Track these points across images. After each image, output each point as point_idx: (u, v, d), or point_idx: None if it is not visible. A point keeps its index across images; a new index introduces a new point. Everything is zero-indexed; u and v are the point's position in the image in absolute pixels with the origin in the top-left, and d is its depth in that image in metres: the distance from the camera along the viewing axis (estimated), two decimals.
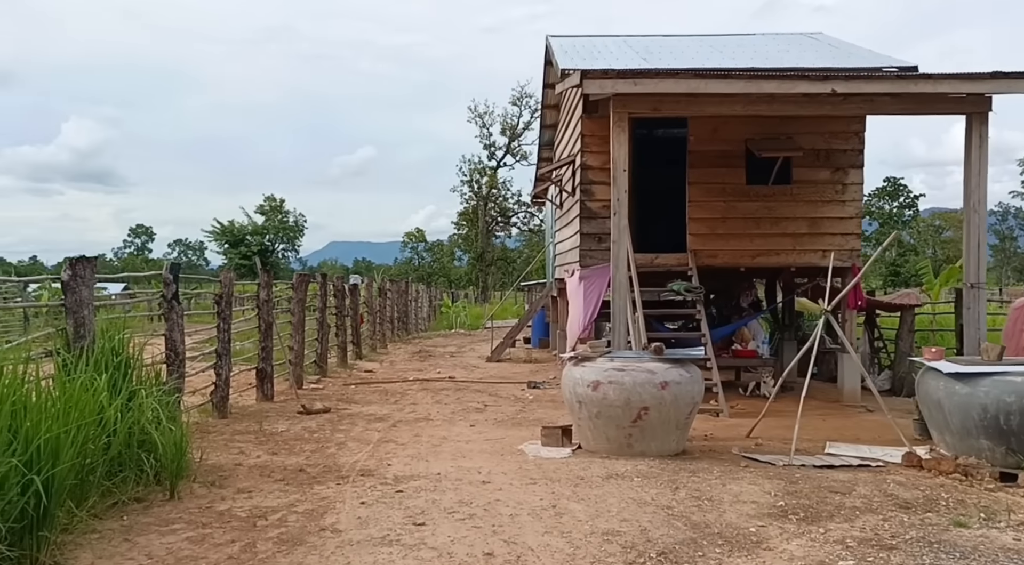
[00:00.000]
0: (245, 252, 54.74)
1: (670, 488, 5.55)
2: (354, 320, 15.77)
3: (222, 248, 58.71)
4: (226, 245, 57.73)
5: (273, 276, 9.86)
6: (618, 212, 7.72)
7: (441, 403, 9.99)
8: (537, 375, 13.26)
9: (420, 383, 12.20)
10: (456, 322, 29.25)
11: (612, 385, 6.50)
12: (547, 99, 14.26)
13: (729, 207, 10.47)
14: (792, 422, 8.46)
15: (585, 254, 10.54)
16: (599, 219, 10.52)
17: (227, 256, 57.98)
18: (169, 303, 7.08)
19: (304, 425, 8.12)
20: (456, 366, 14.91)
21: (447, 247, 69.31)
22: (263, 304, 9.69)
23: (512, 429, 8.06)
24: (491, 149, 54.82)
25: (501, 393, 11.03)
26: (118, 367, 5.57)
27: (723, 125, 10.42)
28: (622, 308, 7.58)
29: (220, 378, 8.28)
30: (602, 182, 10.50)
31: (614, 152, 7.69)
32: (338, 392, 10.98)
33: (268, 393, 9.69)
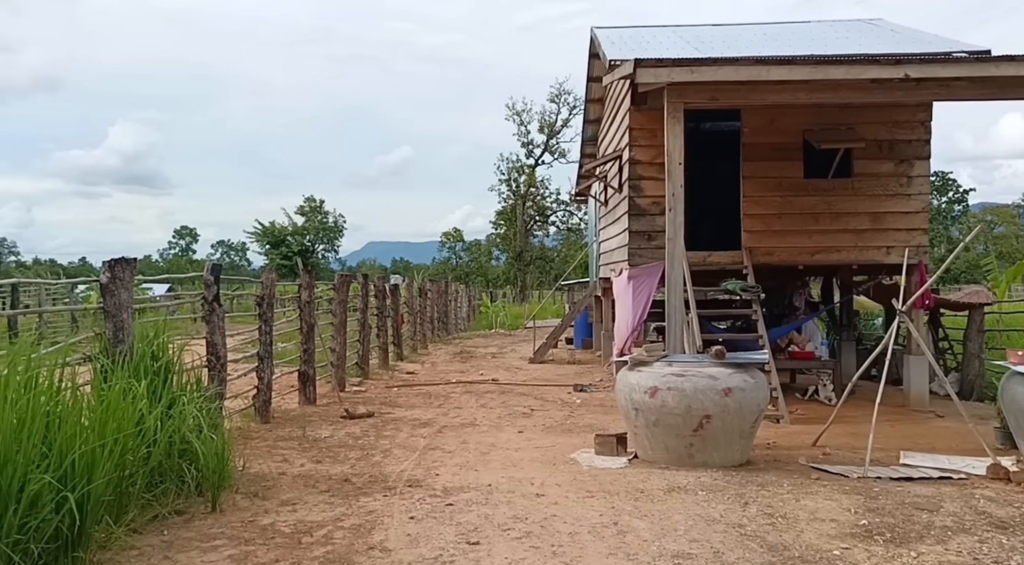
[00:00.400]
0: (286, 253, 55.25)
1: (739, 503, 5.16)
2: (395, 321, 15.58)
3: (263, 249, 59.38)
4: (267, 246, 58.36)
5: (314, 277, 9.68)
6: (674, 208, 7.33)
7: (486, 407, 9.70)
8: (583, 377, 12.89)
9: (463, 385, 11.93)
10: (496, 322, 28.99)
11: (671, 392, 6.12)
12: (591, 93, 13.88)
13: (786, 202, 9.99)
14: (858, 428, 8.02)
15: (634, 253, 10.15)
16: (648, 216, 10.12)
17: (268, 257, 58.63)
18: (210, 305, 6.90)
19: (348, 430, 7.89)
20: (499, 368, 14.62)
21: (484, 247, 69.12)
22: (305, 305, 9.50)
23: (562, 436, 7.72)
24: (529, 147, 54.48)
25: (547, 396, 10.70)
26: (158, 372, 5.38)
27: (779, 116, 9.93)
28: (677, 309, 7.19)
29: (262, 382, 8.10)
30: (651, 177, 10.11)
31: (668, 144, 7.30)
32: (381, 395, 10.76)
33: (311, 396, 9.50)
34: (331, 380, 10.50)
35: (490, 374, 13.49)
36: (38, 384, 3.74)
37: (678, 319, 7.18)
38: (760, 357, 6.67)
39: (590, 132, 15.05)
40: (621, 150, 10.94)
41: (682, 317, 7.24)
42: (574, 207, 57.05)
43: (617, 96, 11.53)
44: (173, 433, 4.98)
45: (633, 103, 9.99)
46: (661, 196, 9.99)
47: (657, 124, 9.97)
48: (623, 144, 10.73)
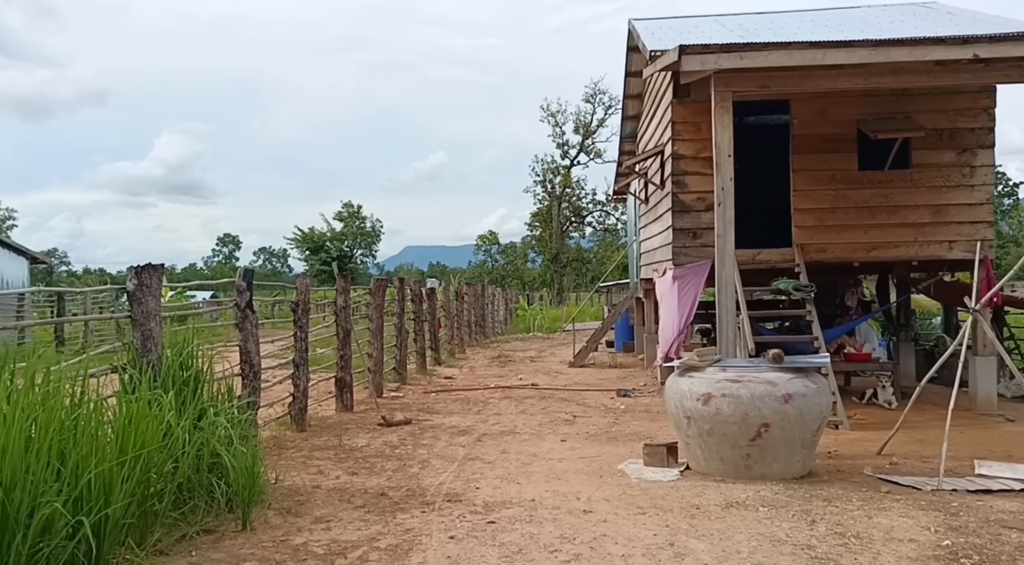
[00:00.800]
0: (325, 258, 55.68)
1: (805, 521, 4.75)
2: (432, 325, 15.34)
3: (303, 255, 59.99)
4: (307, 251, 58.94)
5: (351, 281, 9.47)
6: (723, 203, 6.92)
7: (526, 413, 9.37)
8: (625, 382, 12.49)
9: (502, 391, 11.62)
10: (533, 325, 28.65)
11: (726, 399, 5.72)
12: (629, 88, 13.48)
13: (840, 196, 9.49)
14: (924, 434, 7.50)
15: (678, 251, 9.73)
16: (693, 213, 9.71)
17: (308, 262, 59.19)
18: (243, 312, 6.70)
19: (385, 439, 7.63)
20: (538, 372, 14.28)
21: (520, 249, 68.86)
22: (341, 310, 9.29)
23: (607, 445, 7.35)
24: (564, 148, 54.10)
25: (589, 402, 10.33)
26: (187, 382, 5.16)
27: (831, 106, 9.45)
28: (729, 310, 6.78)
29: (298, 389, 7.89)
30: (696, 172, 9.70)
31: (717, 136, 6.90)
32: (418, 401, 10.51)
33: (347, 403, 9.28)
34: (368, 386, 10.28)
35: (529, 379, 13.16)
36: (55, 398, 3.52)
37: (729, 321, 6.78)
38: (821, 360, 6.23)
39: (628, 129, 14.65)
40: (663, 145, 10.54)
41: (734, 319, 6.83)
42: (611, 207, 56.48)
43: (658, 90, 11.13)
44: (202, 446, 4.75)
45: (675, 96, 9.60)
46: (706, 192, 9.58)
47: (701, 117, 9.58)
48: (665, 139, 10.33)
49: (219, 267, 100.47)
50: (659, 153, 10.81)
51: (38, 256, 25.12)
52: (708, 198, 9.63)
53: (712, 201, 9.59)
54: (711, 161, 9.67)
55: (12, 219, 77.54)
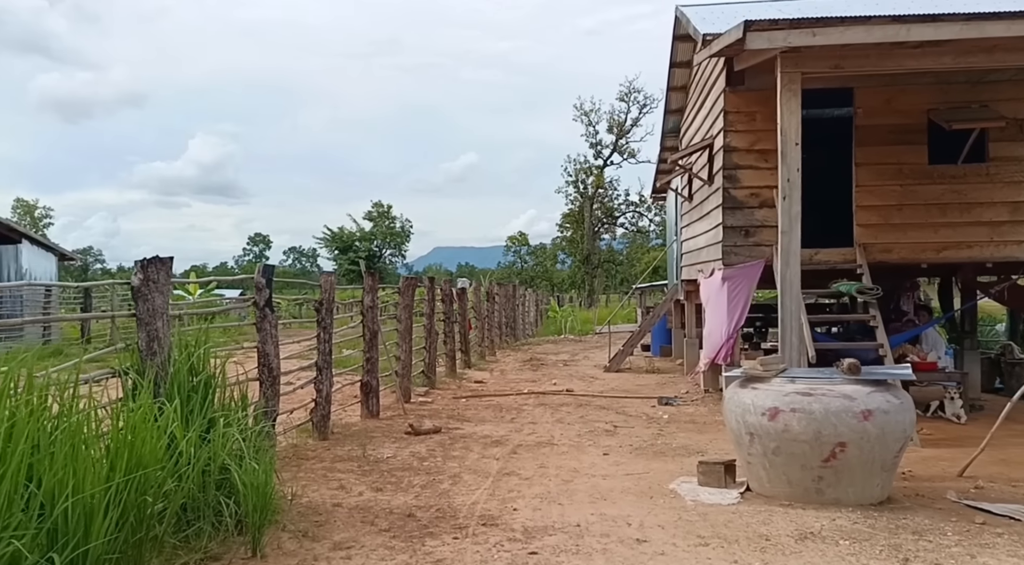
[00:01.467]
0: (353, 258, 55.56)
1: (896, 559, 4.10)
2: (462, 326, 14.81)
3: (332, 254, 59.96)
4: (336, 251, 58.88)
5: (378, 280, 8.96)
6: (788, 196, 6.27)
7: (563, 422, 8.77)
8: (665, 388, 11.82)
9: (535, 397, 11.03)
10: (565, 327, 28.00)
11: (796, 414, 5.08)
12: (673, 80, 12.81)
13: (907, 192, 8.75)
14: (1006, 454, 6.77)
15: (729, 251, 9.06)
16: (746, 209, 9.03)
17: (337, 262, 59.14)
18: (262, 311, 6.20)
19: (412, 449, 7.09)
20: (572, 377, 13.67)
21: (550, 250, 68.18)
22: (368, 310, 8.78)
23: (655, 460, 6.73)
24: (597, 148, 53.30)
25: (629, 411, 9.69)
26: (196, 389, 4.66)
27: (899, 94, 8.72)
28: (793, 314, 6.12)
29: (320, 395, 7.38)
30: (749, 166, 9.02)
31: (783, 122, 6.25)
32: (448, 407, 9.97)
33: (373, 409, 8.77)
34: (396, 390, 9.76)
35: (564, 384, 12.56)
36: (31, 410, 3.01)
37: (793, 326, 6.12)
38: (902, 372, 5.54)
39: (671, 123, 13.97)
40: (712, 138, 9.87)
41: (798, 323, 6.17)
42: (643, 208, 55.58)
43: (706, 79, 10.46)
44: (210, 462, 4.25)
45: (728, 84, 8.94)
46: (760, 187, 8.92)
47: (756, 106, 8.92)
48: (715, 131, 9.67)
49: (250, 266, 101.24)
50: (707, 147, 10.14)
51: (67, 253, 25.08)
52: (762, 194, 8.98)
53: (767, 197, 8.95)
54: (765, 154, 9.02)
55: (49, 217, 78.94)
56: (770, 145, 8.96)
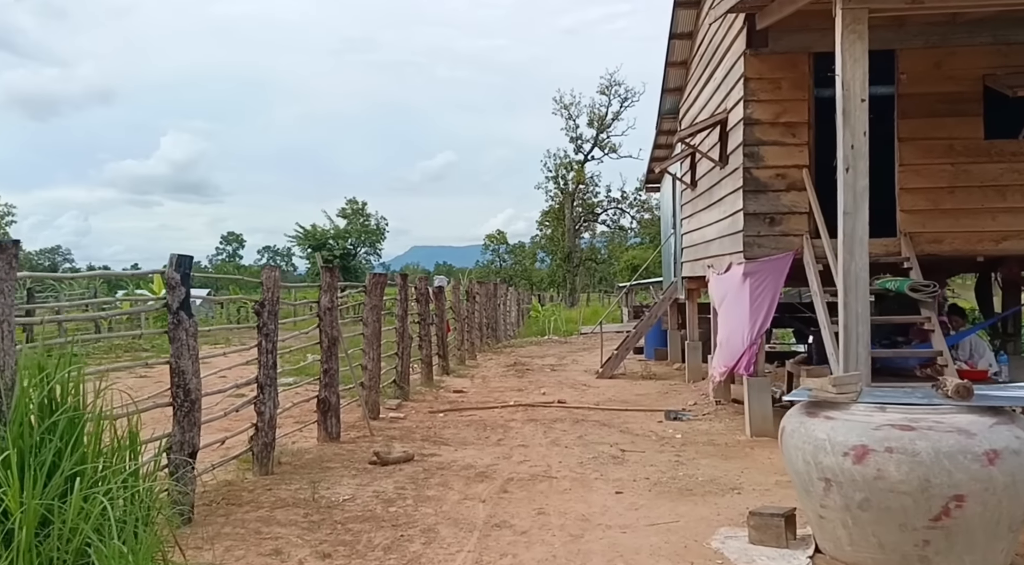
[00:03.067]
0: (327, 256, 53.78)
1: None
2: (440, 329, 13.39)
3: (305, 253, 58.13)
4: (309, 249, 57.07)
5: (338, 277, 7.51)
6: (853, 167, 4.95)
7: (559, 444, 7.40)
8: (669, 399, 10.50)
9: (524, 410, 9.65)
10: (549, 328, 26.63)
11: (894, 456, 3.73)
12: (672, 54, 11.49)
13: (960, 172, 7.50)
14: None
15: (751, 242, 7.74)
16: (771, 193, 7.72)
17: (310, 260, 57.30)
18: (175, 316, 4.74)
19: (377, 487, 5.67)
20: (562, 384, 12.31)
21: (529, 249, 66.90)
22: (325, 313, 7.33)
23: (681, 500, 5.37)
24: (578, 142, 51.96)
25: (633, 427, 8.35)
26: (51, 431, 3.22)
27: (949, 57, 7.46)
28: (860, 317, 4.80)
29: (262, 418, 5.94)
30: (774, 142, 7.71)
31: (845, 73, 4.91)
32: (423, 424, 8.55)
33: (333, 431, 7.33)
34: (362, 405, 8.33)
35: (554, 393, 11.20)
36: None
37: (860, 333, 4.79)
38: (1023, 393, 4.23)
39: (669, 104, 12.65)
40: (726, 112, 8.55)
41: (866, 328, 4.85)
42: (625, 204, 54.46)
43: (716, 46, 9.14)
44: (63, 538, 2.81)
45: (749, 46, 7.62)
46: (787, 166, 7.64)
47: (781, 72, 7.62)
48: (730, 103, 8.34)
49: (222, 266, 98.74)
50: (719, 123, 8.82)
51: None
52: (789, 174, 7.68)
53: (795, 178, 7.65)
54: (793, 128, 7.71)
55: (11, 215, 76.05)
56: (798, 117, 7.69)
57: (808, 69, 7.65)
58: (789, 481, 5.85)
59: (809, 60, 7.64)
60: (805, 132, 7.67)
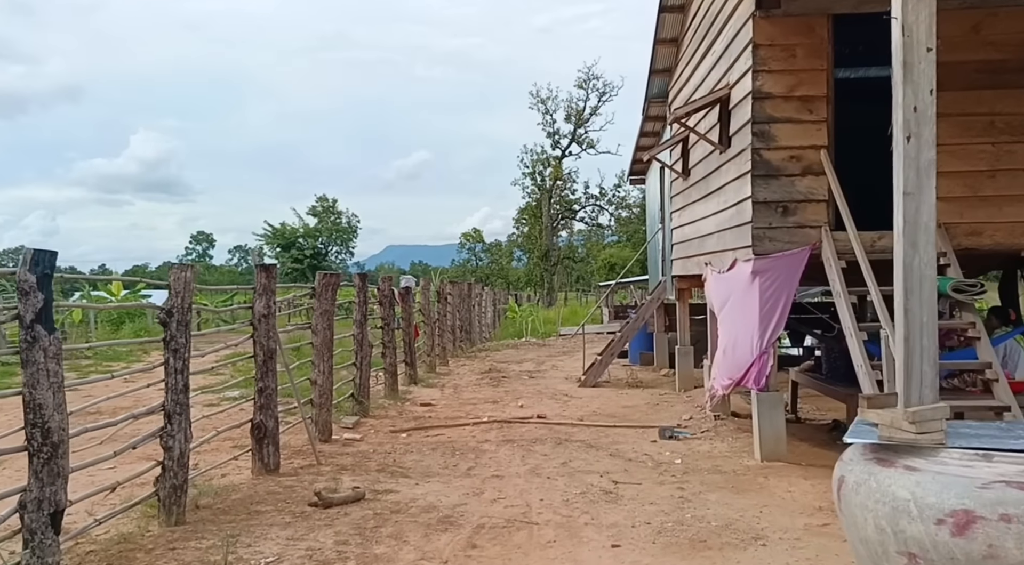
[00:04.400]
0: (297, 255, 52.21)
1: None
2: (407, 334, 12.22)
3: (274, 252, 56.44)
4: (278, 248, 55.41)
5: (275, 278, 6.30)
6: (915, 135, 3.88)
7: (540, 475, 6.28)
8: (661, 412, 9.44)
9: (499, 427, 8.53)
10: (526, 329, 25.50)
11: (1014, 527, 2.66)
12: (662, 30, 10.40)
13: (1001, 153, 6.52)
14: None
15: (761, 235, 6.69)
16: (784, 178, 6.67)
17: (279, 260, 55.61)
18: (29, 331, 3.54)
19: (312, 543, 4.50)
20: (541, 394, 11.20)
21: (505, 247, 65.77)
22: (261, 320, 6.13)
23: (695, 558, 4.27)
24: (555, 137, 50.87)
25: (625, 449, 7.26)
26: None
27: (990, 19, 6.47)
28: (925, 328, 3.73)
29: (170, 455, 4.75)
30: (788, 119, 6.66)
31: (907, 15, 3.82)
32: (382, 448, 7.39)
33: (270, 461, 6.14)
34: (311, 426, 7.14)
35: (532, 405, 10.09)
36: None
37: (925, 347, 3.72)
38: None
39: (657, 87, 11.57)
40: (729, 87, 7.49)
41: (932, 340, 3.78)
42: (603, 201, 53.53)
43: (716, 14, 8.07)
44: None
45: (759, 6, 6.55)
46: (803, 147, 6.61)
47: (797, 37, 6.59)
48: (735, 76, 7.28)
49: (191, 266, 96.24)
50: (719, 101, 7.75)
51: None
52: (806, 156, 6.64)
53: (812, 161, 6.61)
54: (810, 102, 6.66)
55: None
56: (815, 90, 6.66)
57: (827, 34, 6.62)
58: (820, 526, 4.79)
59: (828, 23, 6.61)
60: (823, 107, 6.63)
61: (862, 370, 5.83)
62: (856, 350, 5.88)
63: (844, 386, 7.79)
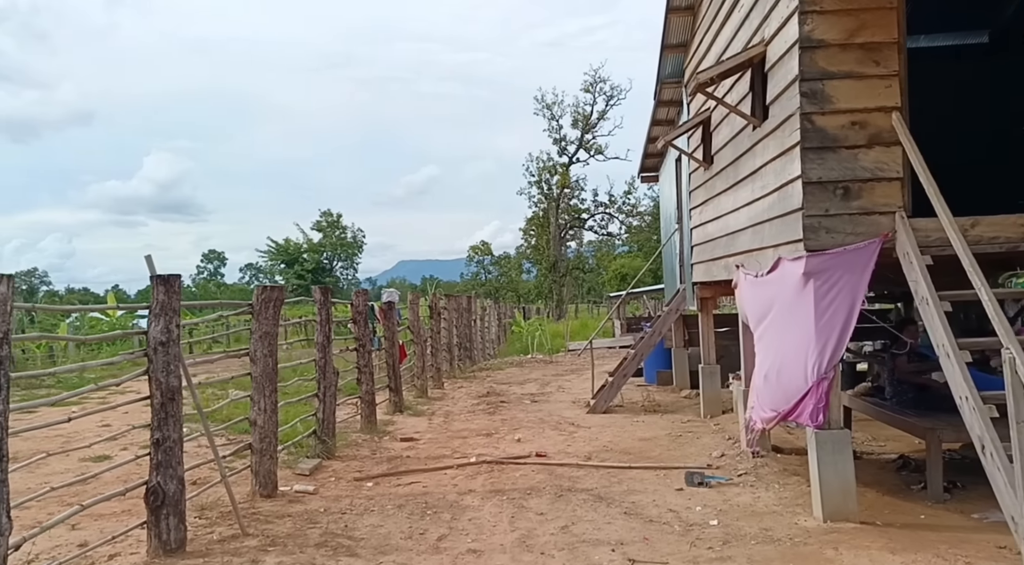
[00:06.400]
0: (300, 271, 50.97)
1: None
2: (391, 355, 10.70)
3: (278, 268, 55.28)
4: (282, 265, 54.25)
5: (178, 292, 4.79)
6: None
7: (531, 548, 4.74)
8: (684, 445, 7.87)
9: (487, 471, 6.97)
10: (532, 345, 23.90)
11: None
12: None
13: None
14: None
15: (815, 224, 5.14)
16: (843, 151, 5.12)
17: (283, 276, 54.40)
18: None
19: None
20: (543, 423, 9.62)
21: (514, 260, 64.19)
22: (157, 349, 4.62)
23: None
24: (561, 144, 49.29)
25: (644, 503, 5.69)
26: None
27: None
28: None
29: None
30: (848, 74, 5.12)
31: None
32: (337, 504, 5.85)
33: (171, 537, 4.61)
34: (226, 487, 5.61)
35: (532, 438, 8.54)
36: None
37: None
38: None
39: (671, 66, 10.04)
40: (764, 44, 5.96)
41: None
42: (613, 209, 51.90)
43: None
44: None
45: None
46: (867, 110, 5.07)
47: None
48: (774, 28, 5.75)
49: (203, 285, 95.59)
50: (751, 63, 6.22)
51: None
52: (872, 121, 5.10)
53: (881, 128, 5.07)
54: (875, 51, 5.11)
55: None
56: (884, 34, 5.12)
57: None
58: None
59: None
60: (894, 57, 5.08)
61: (967, 404, 4.25)
62: (958, 377, 4.31)
63: (918, 416, 6.22)
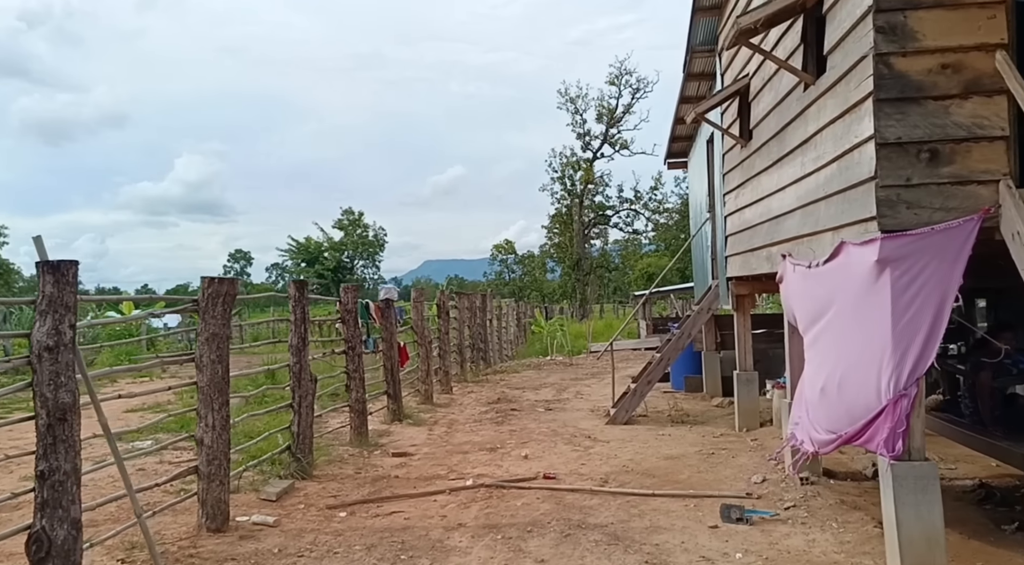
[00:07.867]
0: (320, 270, 50.34)
1: None
2: (389, 358, 9.67)
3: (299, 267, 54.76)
4: (302, 263, 53.70)
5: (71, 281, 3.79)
6: None
7: None
8: (717, 465, 6.73)
9: (484, 498, 5.90)
10: (552, 346, 22.75)
11: None
12: None
13: None
14: None
15: (892, 198, 3.99)
16: (930, 102, 3.97)
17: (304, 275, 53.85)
18: None
19: None
20: (556, 436, 8.53)
21: (538, 259, 63.03)
22: (42, 355, 3.61)
23: None
24: (585, 138, 47.98)
25: (669, 548, 4.60)
26: None
27: None
28: None
29: None
30: (936, 3, 3.94)
31: None
32: (296, 543, 4.82)
33: None
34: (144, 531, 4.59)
35: (541, 454, 7.46)
36: None
37: None
38: None
39: (703, 33, 8.86)
40: None
41: None
42: (639, 205, 50.52)
43: None
44: None
45: None
46: (964, 48, 3.88)
47: None
48: None
49: None
50: (805, 7, 5.07)
51: None
52: (969, 64, 3.94)
53: (981, 71, 3.86)
54: None
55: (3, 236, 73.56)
56: None
57: None
58: None
59: None
60: None
61: None
62: None
63: (1009, 438, 5.05)
